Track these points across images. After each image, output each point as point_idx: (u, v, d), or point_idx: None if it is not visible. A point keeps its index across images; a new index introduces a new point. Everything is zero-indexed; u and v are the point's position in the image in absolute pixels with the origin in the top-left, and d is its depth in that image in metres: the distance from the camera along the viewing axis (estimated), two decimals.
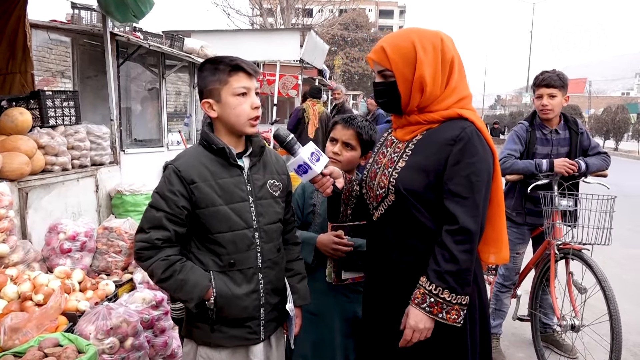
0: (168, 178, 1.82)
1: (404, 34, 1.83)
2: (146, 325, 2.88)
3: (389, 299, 1.89)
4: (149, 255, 1.78)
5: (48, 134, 3.92)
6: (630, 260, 6.37)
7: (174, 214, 1.78)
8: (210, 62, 1.87)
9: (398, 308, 1.83)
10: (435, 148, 1.77)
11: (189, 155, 1.89)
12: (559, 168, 3.28)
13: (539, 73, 3.53)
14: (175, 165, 1.84)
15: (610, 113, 29.35)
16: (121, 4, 4.00)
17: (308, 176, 1.87)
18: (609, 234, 3.15)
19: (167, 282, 1.79)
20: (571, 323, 3.19)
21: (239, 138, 1.91)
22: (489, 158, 1.77)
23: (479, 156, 1.73)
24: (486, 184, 1.75)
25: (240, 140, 1.93)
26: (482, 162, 1.73)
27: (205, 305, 1.83)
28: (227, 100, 1.82)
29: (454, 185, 1.72)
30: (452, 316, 1.72)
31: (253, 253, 1.88)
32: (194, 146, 1.94)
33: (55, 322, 2.58)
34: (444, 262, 1.70)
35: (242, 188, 1.87)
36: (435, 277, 1.71)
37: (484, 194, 1.74)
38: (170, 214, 1.78)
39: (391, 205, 1.82)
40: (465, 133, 1.74)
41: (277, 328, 2.05)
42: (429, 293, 1.72)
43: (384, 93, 1.85)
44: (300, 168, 1.86)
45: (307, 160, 1.85)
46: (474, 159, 1.72)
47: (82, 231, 3.43)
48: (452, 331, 1.77)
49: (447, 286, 1.70)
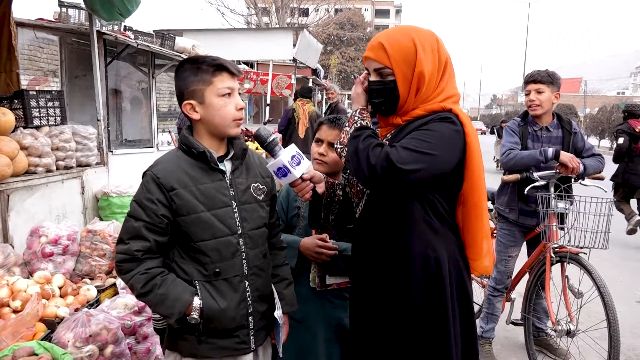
0: (146, 186, 1.74)
1: (403, 31, 1.75)
2: (128, 331, 2.80)
3: (375, 298, 1.81)
4: (129, 267, 1.70)
5: (32, 134, 3.84)
6: (626, 260, 6.32)
7: (153, 223, 1.70)
8: (191, 61, 1.78)
9: (383, 308, 1.77)
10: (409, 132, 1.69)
11: (167, 160, 1.80)
12: (565, 157, 3.20)
13: (529, 72, 3.52)
14: (153, 171, 1.75)
15: (606, 112, 29.33)
16: (107, 2, 3.92)
17: (287, 180, 1.80)
18: (607, 238, 3.09)
19: (147, 297, 1.71)
20: (566, 328, 3.12)
21: (221, 141, 1.84)
22: (446, 140, 1.65)
23: (440, 131, 1.64)
24: (439, 146, 1.63)
25: (222, 143, 1.85)
26: (440, 133, 1.64)
27: (187, 320, 1.74)
28: (211, 102, 1.75)
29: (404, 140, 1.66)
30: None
31: (238, 260, 1.81)
32: (173, 151, 1.85)
33: (33, 330, 2.51)
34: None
35: (224, 193, 1.79)
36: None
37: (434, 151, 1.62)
38: (149, 223, 1.70)
39: (368, 199, 1.77)
40: (437, 117, 1.66)
41: (267, 337, 1.98)
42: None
43: (382, 93, 1.75)
44: (280, 171, 1.78)
45: (287, 163, 1.77)
46: (431, 126, 1.64)
47: (65, 234, 3.35)
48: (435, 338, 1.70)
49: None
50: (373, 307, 1.82)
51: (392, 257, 1.75)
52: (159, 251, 1.75)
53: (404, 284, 1.73)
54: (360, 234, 1.86)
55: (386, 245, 1.76)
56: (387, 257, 1.76)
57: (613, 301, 2.94)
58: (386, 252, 1.76)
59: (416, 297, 1.72)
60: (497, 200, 3.66)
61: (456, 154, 1.68)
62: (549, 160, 3.23)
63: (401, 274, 1.72)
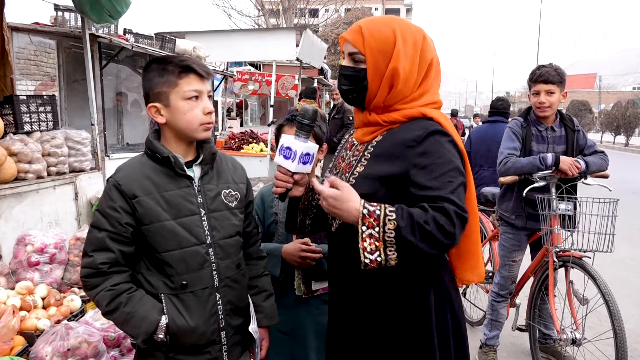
0: (108, 193, 1.66)
1: (387, 20, 1.63)
2: (112, 343, 2.70)
3: (353, 311, 1.68)
4: (95, 283, 1.62)
5: (21, 140, 3.77)
6: (638, 261, 6.11)
7: (117, 233, 1.62)
8: (157, 62, 1.70)
9: (362, 319, 1.64)
10: (396, 151, 1.55)
11: (130, 166, 1.72)
12: (565, 165, 3.03)
13: (536, 68, 3.30)
14: (115, 178, 1.67)
15: (621, 108, 28.88)
16: (95, 4, 3.84)
17: (281, 162, 1.62)
18: (612, 240, 2.92)
19: (112, 315, 1.64)
20: (572, 337, 2.95)
21: (189, 145, 1.74)
22: (455, 160, 1.54)
23: (445, 158, 1.51)
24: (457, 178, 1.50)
25: (191, 147, 1.75)
26: (448, 164, 1.51)
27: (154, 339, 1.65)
28: (176, 105, 1.66)
29: (425, 182, 1.48)
30: (365, 240, 1.44)
31: (207, 271, 1.70)
32: (138, 156, 1.76)
33: (10, 343, 2.42)
34: (425, 222, 1.41)
35: (191, 200, 1.70)
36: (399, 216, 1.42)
37: (459, 188, 1.49)
38: (113, 232, 1.62)
39: None
40: (428, 133, 1.52)
41: (243, 352, 1.88)
42: (380, 216, 1.43)
43: (350, 79, 1.62)
44: (286, 151, 1.61)
45: (299, 153, 1.60)
46: (439, 160, 1.50)
47: (52, 242, 3.26)
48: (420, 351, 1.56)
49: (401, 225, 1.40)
50: (351, 313, 1.69)
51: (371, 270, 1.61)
52: (126, 263, 1.67)
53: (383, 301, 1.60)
54: (338, 246, 1.72)
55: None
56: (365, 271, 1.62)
57: (619, 310, 2.77)
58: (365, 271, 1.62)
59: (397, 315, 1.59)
60: (499, 205, 3.49)
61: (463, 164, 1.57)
62: (549, 167, 3.05)
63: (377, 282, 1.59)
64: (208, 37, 8.69)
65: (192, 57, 1.74)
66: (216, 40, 8.68)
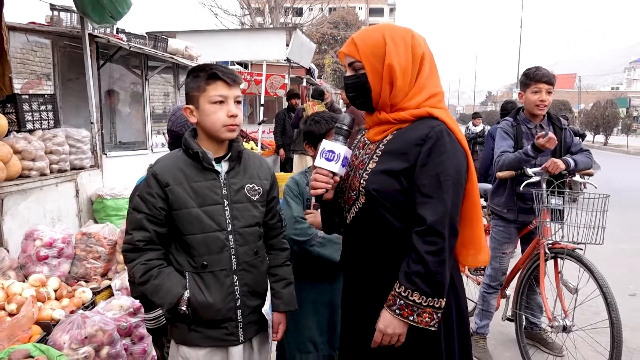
0: (147, 181, 1.91)
1: (376, 27, 1.82)
2: (124, 332, 2.82)
3: (365, 303, 1.84)
4: (132, 257, 1.87)
5: (25, 138, 3.85)
6: (618, 255, 6.35)
7: (153, 215, 1.86)
8: (194, 69, 1.94)
9: (374, 312, 1.78)
10: (405, 148, 1.73)
11: (167, 158, 1.97)
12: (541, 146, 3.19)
13: (534, 68, 3.45)
14: (154, 168, 1.92)
15: (600, 108, 29.41)
16: (97, 5, 3.93)
17: (324, 164, 1.77)
18: (602, 233, 3.10)
19: (144, 286, 1.88)
20: (563, 324, 3.14)
21: (219, 143, 1.95)
22: (459, 156, 1.72)
23: (447, 154, 1.69)
24: (456, 182, 1.70)
25: (221, 145, 1.96)
26: (450, 161, 1.69)
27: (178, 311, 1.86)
28: (204, 108, 1.88)
29: (422, 186, 1.69)
30: (424, 319, 1.67)
31: (226, 255, 1.91)
32: (176, 150, 2.00)
33: (28, 332, 2.52)
34: (413, 264, 1.66)
35: (216, 191, 1.91)
36: (404, 279, 1.67)
37: (454, 193, 1.69)
38: (150, 215, 1.86)
39: (362, 208, 1.78)
40: (434, 132, 1.70)
41: (259, 331, 2.05)
42: (398, 295, 1.68)
43: (354, 86, 1.81)
44: (329, 154, 1.77)
45: (342, 156, 1.76)
46: (442, 157, 1.68)
47: (59, 237, 3.36)
48: (425, 335, 1.72)
49: (415, 288, 1.66)
50: (364, 306, 1.85)
51: (383, 265, 1.78)
52: (160, 242, 1.90)
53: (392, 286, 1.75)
54: (351, 241, 1.88)
55: (377, 254, 1.79)
56: (378, 266, 1.79)
57: (616, 301, 2.94)
58: (377, 261, 1.79)
59: None
60: (491, 200, 3.67)
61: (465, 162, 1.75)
62: (530, 155, 3.24)
63: (390, 275, 1.75)
64: (199, 37, 8.76)
65: (218, 65, 1.94)
66: (207, 39, 8.77)
